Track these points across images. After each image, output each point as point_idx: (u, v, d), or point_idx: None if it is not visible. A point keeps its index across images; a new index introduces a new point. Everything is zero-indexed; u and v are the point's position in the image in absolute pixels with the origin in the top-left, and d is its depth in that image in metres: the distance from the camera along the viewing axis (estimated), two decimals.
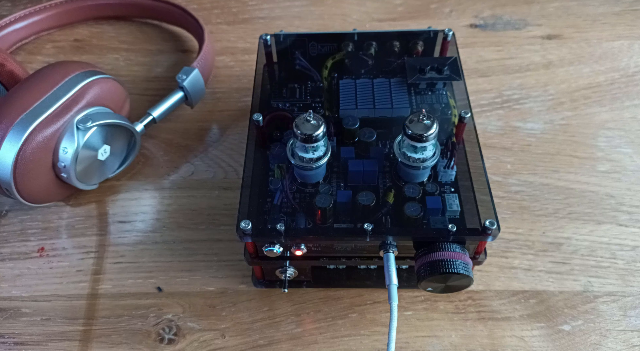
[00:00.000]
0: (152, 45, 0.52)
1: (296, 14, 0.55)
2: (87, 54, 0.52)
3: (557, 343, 0.33)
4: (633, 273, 0.36)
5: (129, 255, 0.38)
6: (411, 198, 0.31)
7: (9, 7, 0.56)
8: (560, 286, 0.35)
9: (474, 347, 0.33)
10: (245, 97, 0.47)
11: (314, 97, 0.37)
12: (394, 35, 0.40)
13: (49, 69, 0.36)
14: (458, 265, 0.29)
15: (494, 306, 0.34)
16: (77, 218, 0.40)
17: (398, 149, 0.32)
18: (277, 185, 0.32)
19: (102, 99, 0.37)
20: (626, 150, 0.42)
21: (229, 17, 0.55)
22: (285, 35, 0.40)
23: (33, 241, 0.39)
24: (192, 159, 0.43)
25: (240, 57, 0.51)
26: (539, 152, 0.42)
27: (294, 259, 0.32)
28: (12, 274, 0.37)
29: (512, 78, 0.48)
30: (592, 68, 0.48)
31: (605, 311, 0.34)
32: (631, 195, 0.39)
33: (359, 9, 0.55)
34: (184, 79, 0.42)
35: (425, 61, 0.37)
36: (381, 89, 0.37)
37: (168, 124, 0.45)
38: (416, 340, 0.33)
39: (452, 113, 0.36)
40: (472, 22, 0.53)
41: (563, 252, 0.37)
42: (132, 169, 0.42)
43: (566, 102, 0.46)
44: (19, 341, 0.34)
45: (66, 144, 0.35)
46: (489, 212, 0.30)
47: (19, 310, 0.35)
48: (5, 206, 0.40)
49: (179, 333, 0.34)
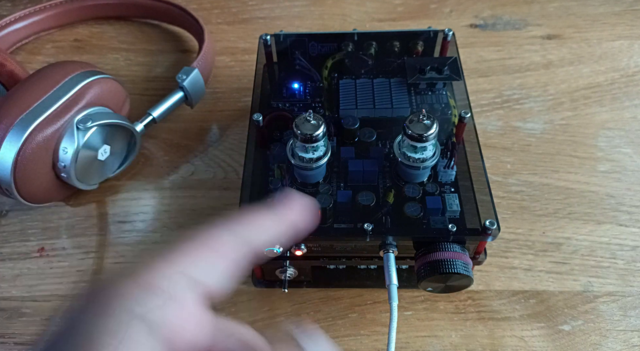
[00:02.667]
0: (152, 45, 0.52)
1: (296, 14, 0.55)
2: (87, 54, 0.52)
3: (557, 343, 0.33)
4: (633, 273, 0.36)
5: (129, 255, 0.38)
6: (411, 198, 0.31)
7: (9, 7, 0.56)
8: (560, 286, 0.35)
9: (474, 347, 0.33)
10: (245, 97, 0.47)
11: (314, 97, 0.37)
12: (394, 35, 0.40)
13: (49, 69, 0.36)
14: (458, 265, 0.29)
15: (494, 306, 0.34)
16: (77, 218, 0.40)
17: (398, 149, 0.32)
18: (277, 185, 0.32)
19: (102, 99, 0.37)
20: (626, 150, 0.42)
21: (229, 17, 0.55)
22: (285, 35, 0.40)
23: (33, 241, 0.39)
24: (192, 159, 0.43)
25: (240, 57, 0.51)
26: (539, 152, 0.42)
27: (294, 259, 0.32)
28: (12, 274, 0.37)
29: (512, 78, 0.48)
30: (592, 68, 0.48)
31: (605, 311, 0.34)
32: (631, 195, 0.39)
33: (359, 9, 0.55)
34: (184, 79, 0.42)
35: (425, 61, 0.37)
36: (381, 89, 0.37)
37: (168, 124, 0.45)
38: (416, 340, 0.33)
39: (452, 113, 0.36)
40: (472, 22, 0.53)
41: (563, 252, 0.37)
42: (132, 169, 0.42)
43: (566, 102, 0.46)
44: (19, 341, 0.34)
45: (66, 144, 0.35)
46: (489, 212, 0.30)
47: (19, 310, 0.35)
48: (5, 206, 0.40)
49: None
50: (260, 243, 0.21)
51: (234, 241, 0.20)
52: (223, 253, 0.20)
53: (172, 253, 0.19)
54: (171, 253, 0.19)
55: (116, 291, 0.18)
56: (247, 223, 0.21)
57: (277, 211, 0.23)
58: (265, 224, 0.22)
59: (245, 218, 0.21)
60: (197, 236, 0.20)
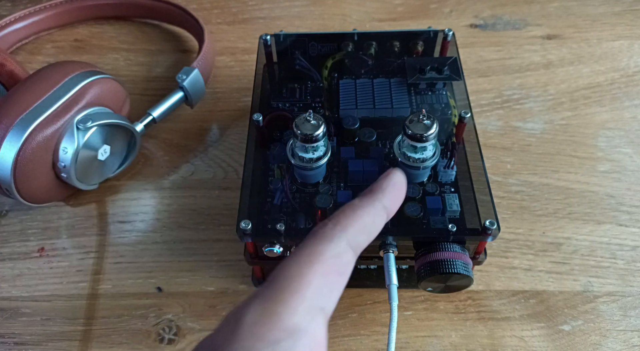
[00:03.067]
0: (152, 45, 0.52)
1: (296, 14, 0.55)
2: (87, 54, 0.52)
3: (557, 343, 0.33)
4: (633, 273, 0.36)
5: (129, 255, 0.38)
6: (411, 198, 0.31)
7: (9, 7, 0.56)
8: (560, 286, 0.35)
9: (474, 347, 0.33)
10: (245, 97, 0.47)
11: (314, 97, 0.37)
12: (394, 35, 0.40)
13: (49, 69, 0.36)
14: (458, 265, 0.29)
15: (494, 306, 0.34)
16: (77, 218, 0.40)
17: (398, 149, 0.32)
18: (277, 185, 0.32)
19: (102, 99, 0.37)
20: (626, 150, 0.42)
21: (229, 17, 0.55)
22: (285, 35, 0.40)
23: (33, 241, 0.39)
24: (192, 159, 0.43)
25: (240, 57, 0.51)
26: (539, 152, 0.42)
27: None
28: (12, 274, 0.37)
29: (512, 78, 0.48)
30: (592, 68, 0.48)
31: (605, 311, 0.34)
32: (631, 195, 0.39)
33: (359, 9, 0.55)
34: (184, 79, 0.42)
35: (425, 61, 0.37)
36: (381, 89, 0.37)
37: (168, 124, 0.45)
38: (416, 340, 0.33)
39: (452, 113, 0.36)
40: (472, 22, 0.53)
41: (563, 252, 0.37)
42: (132, 169, 0.42)
43: (566, 102, 0.46)
44: (19, 341, 0.34)
45: (66, 144, 0.35)
46: (489, 212, 0.30)
47: (19, 310, 0.35)
48: (5, 206, 0.40)
49: (179, 333, 0.34)
50: (366, 244, 0.21)
51: (352, 253, 0.19)
52: (344, 272, 0.19)
53: (304, 284, 0.18)
54: (302, 284, 0.18)
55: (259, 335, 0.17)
56: (360, 227, 0.20)
57: (382, 203, 0.21)
58: (373, 222, 0.21)
59: (357, 220, 0.20)
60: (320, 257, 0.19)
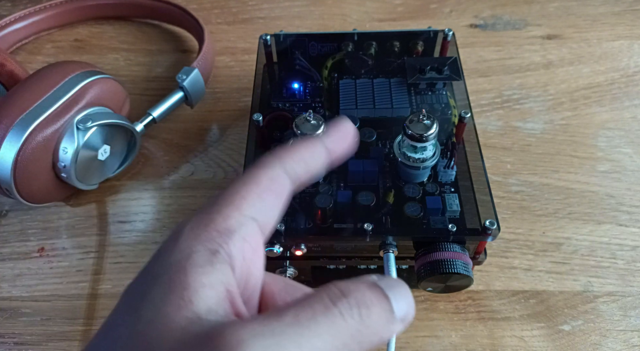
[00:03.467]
0: (152, 45, 0.52)
1: (296, 14, 0.55)
2: (87, 54, 0.52)
3: (557, 343, 0.33)
4: (633, 273, 0.36)
5: (129, 255, 0.38)
6: (411, 198, 0.31)
7: (9, 7, 0.56)
8: (560, 286, 0.35)
9: (474, 347, 0.33)
10: (245, 97, 0.47)
11: (314, 97, 0.37)
12: (394, 35, 0.40)
13: (49, 69, 0.36)
14: (458, 265, 0.29)
15: (494, 306, 0.34)
16: (77, 218, 0.40)
17: (398, 149, 0.32)
18: None
19: (102, 99, 0.37)
20: (626, 150, 0.42)
21: (229, 17, 0.55)
22: (285, 35, 0.40)
23: (33, 241, 0.39)
24: (192, 159, 0.43)
25: (240, 57, 0.51)
26: (539, 152, 0.42)
27: (294, 259, 0.32)
28: (12, 274, 0.37)
29: (512, 78, 0.48)
30: (592, 68, 0.48)
31: (605, 311, 0.34)
32: (631, 195, 0.39)
33: (359, 9, 0.55)
34: (184, 79, 0.42)
35: (425, 61, 0.37)
36: (381, 89, 0.37)
37: (168, 124, 0.45)
38: (416, 340, 0.33)
39: (452, 113, 0.36)
40: (472, 22, 0.53)
41: (563, 252, 0.37)
42: (132, 169, 0.42)
43: (566, 102, 0.46)
44: (19, 341, 0.34)
45: (66, 144, 0.35)
46: (489, 212, 0.30)
47: (19, 310, 0.35)
48: (5, 206, 0.40)
49: None
50: (306, 177, 0.22)
51: (288, 179, 0.21)
52: (280, 193, 0.20)
53: (238, 197, 0.19)
54: (236, 198, 0.19)
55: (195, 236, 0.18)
56: (297, 158, 0.21)
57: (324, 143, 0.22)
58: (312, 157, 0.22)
59: (295, 153, 0.22)
60: (256, 178, 0.20)
